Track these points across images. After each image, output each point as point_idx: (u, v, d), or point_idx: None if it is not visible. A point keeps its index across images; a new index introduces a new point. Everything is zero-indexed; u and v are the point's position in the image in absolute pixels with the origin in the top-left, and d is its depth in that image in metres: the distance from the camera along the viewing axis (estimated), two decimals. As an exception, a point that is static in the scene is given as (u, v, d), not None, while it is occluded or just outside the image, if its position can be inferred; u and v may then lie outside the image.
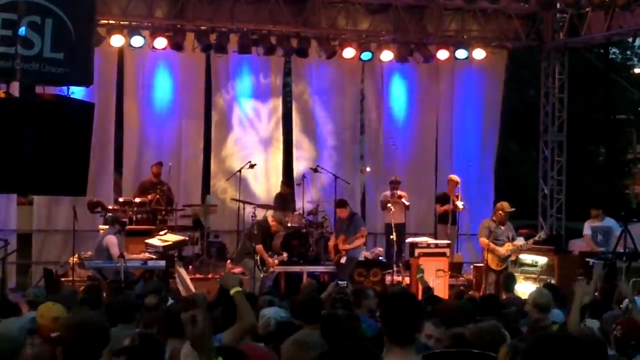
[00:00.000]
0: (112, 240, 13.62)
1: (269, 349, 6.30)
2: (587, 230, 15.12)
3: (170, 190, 16.24)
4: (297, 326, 6.71)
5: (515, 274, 13.50)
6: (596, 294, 9.19)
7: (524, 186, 24.92)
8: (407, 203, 16.45)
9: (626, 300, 8.13)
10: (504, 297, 11.20)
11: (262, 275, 14.41)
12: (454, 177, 17.09)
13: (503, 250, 14.53)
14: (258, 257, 14.38)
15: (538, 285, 13.29)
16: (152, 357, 4.95)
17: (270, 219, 14.86)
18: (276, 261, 14.81)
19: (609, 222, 15.13)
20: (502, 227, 14.74)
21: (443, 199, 16.95)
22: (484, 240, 14.70)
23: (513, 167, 29.00)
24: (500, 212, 14.79)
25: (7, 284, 14.77)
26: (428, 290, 11.33)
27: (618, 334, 6.36)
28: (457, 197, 16.76)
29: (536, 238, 14.95)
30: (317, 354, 4.72)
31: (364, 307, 8.42)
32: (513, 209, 14.89)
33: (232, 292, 6.24)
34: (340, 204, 15.54)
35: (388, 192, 16.68)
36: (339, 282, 13.67)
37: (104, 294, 11.07)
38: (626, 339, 6.32)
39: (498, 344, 5.40)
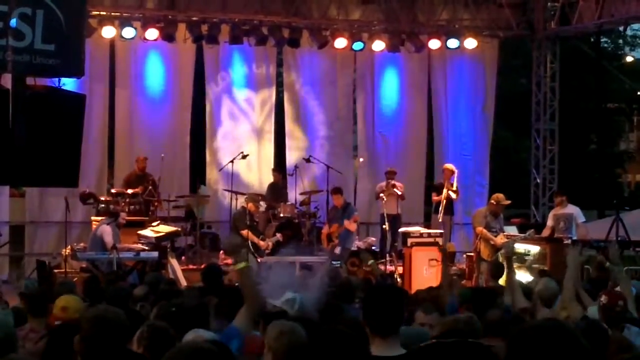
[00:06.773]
0: (106, 229, 13.61)
1: None
2: (550, 221, 15.07)
3: (155, 182, 16.11)
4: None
5: (507, 262, 13.44)
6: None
7: (518, 174, 24.90)
8: (399, 192, 16.41)
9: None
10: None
11: (258, 261, 14.35)
12: (449, 166, 17.00)
13: (499, 240, 14.44)
14: (249, 243, 14.29)
15: (529, 274, 13.31)
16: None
17: (244, 204, 14.79)
18: (270, 243, 14.79)
19: (571, 209, 15.00)
20: (496, 219, 14.66)
21: (439, 188, 16.93)
22: (480, 229, 14.57)
23: (507, 155, 29.04)
24: (493, 202, 14.71)
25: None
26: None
27: (604, 302, 6.69)
28: (451, 186, 16.69)
29: (526, 235, 14.87)
30: (288, 339, 4.74)
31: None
32: (509, 202, 14.74)
33: (238, 267, 5.58)
34: (337, 190, 15.51)
35: (383, 183, 16.65)
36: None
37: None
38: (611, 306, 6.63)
39: (474, 334, 5.37)
